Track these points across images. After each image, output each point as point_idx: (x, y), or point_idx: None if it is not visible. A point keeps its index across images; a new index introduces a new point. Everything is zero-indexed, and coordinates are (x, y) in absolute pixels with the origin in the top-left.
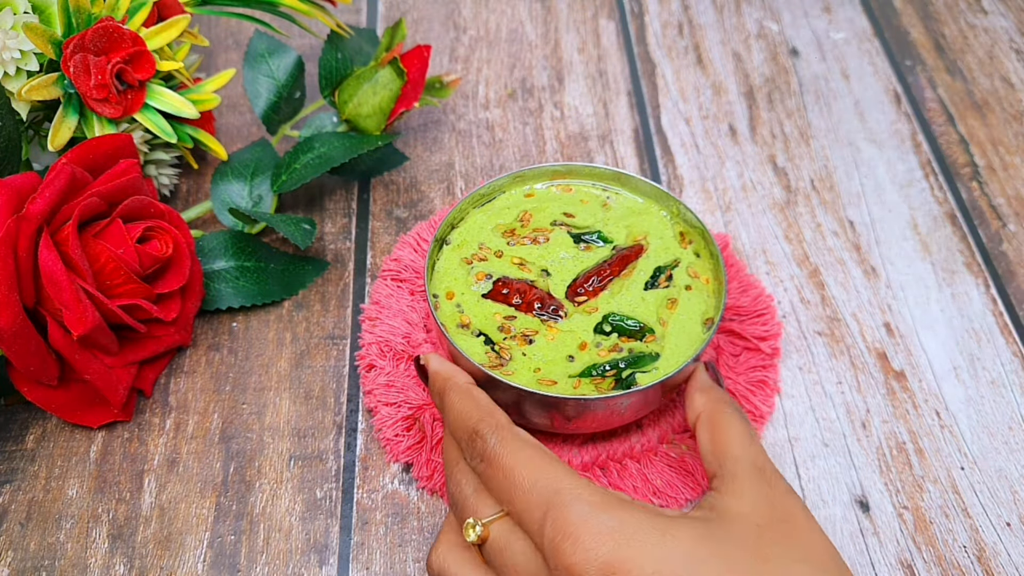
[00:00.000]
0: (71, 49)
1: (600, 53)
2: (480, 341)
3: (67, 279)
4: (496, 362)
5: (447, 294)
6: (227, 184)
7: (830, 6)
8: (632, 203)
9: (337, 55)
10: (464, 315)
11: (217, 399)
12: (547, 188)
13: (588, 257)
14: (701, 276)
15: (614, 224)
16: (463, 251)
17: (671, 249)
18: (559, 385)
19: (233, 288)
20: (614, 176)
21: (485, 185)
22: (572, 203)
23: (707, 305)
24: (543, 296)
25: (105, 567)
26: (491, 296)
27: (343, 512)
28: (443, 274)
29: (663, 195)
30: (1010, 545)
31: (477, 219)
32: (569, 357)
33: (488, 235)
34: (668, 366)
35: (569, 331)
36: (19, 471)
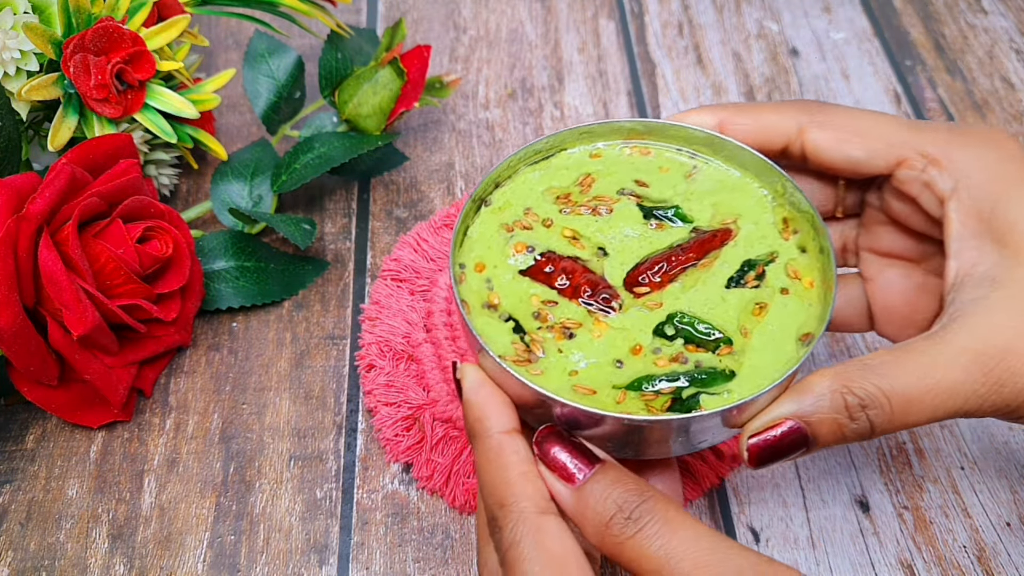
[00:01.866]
0: (71, 49)
1: (600, 53)
2: (508, 327)
3: (67, 279)
4: (523, 356)
5: (477, 265)
6: (227, 184)
7: (830, 6)
8: (725, 175)
9: (337, 55)
10: (493, 293)
11: (217, 399)
12: (619, 149)
13: (659, 238)
14: (804, 278)
15: (698, 200)
16: (505, 215)
17: (768, 238)
18: (598, 396)
19: (233, 288)
20: (707, 140)
21: (543, 139)
22: (648, 169)
23: (807, 315)
24: (595, 280)
25: (105, 567)
26: (530, 273)
27: (343, 512)
28: (477, 241)
29: (766, 168)
30: (1010, 545)
31: (527, 178)
32: (617, 362)
33: (538, 199)
34: (745, 389)
35: (621, 328)
36: (19, 471)
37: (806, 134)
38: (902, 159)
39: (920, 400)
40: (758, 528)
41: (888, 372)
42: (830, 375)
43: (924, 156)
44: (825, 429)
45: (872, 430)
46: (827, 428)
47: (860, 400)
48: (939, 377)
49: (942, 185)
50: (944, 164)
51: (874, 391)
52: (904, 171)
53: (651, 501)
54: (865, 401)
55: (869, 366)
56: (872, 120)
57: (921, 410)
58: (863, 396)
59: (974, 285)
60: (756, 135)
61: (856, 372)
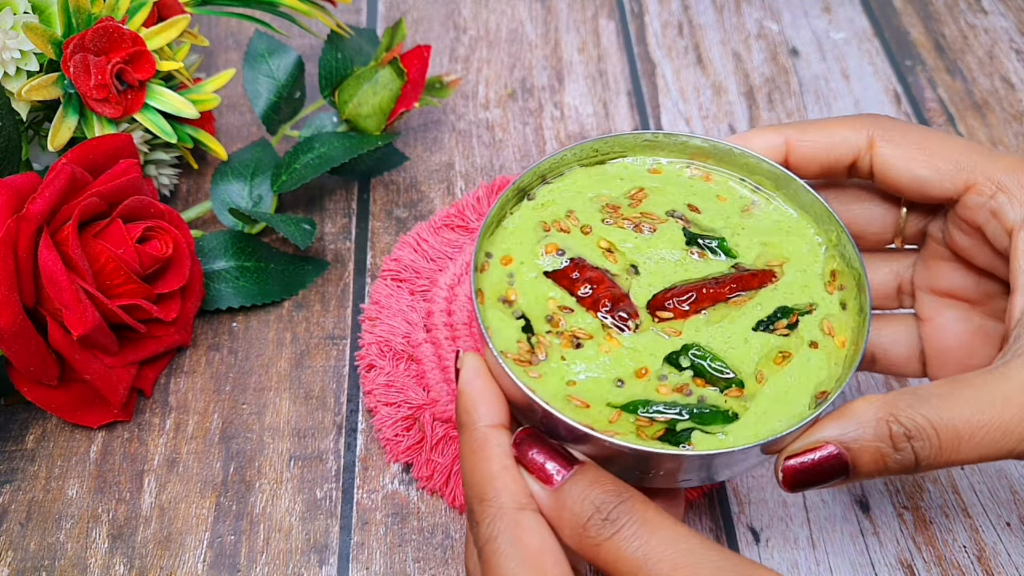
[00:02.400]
0: (71, 49)
1: (600, 53)
2: (517, 325)
3: (67, 279)
4: (525, 356)
5: (504, 258)
6: (227, 184)
7: (830, 6)
8: (781, 216)
9: (337, 55)
10: (512, 289)
11: (217, 399)
12: (680, 167)
13: (696, 267)
14: (837, 335)
15: (748, 236)
16: (546, 212)
17: (811, 288)
18: (591, 411)
19: (233, 288)
20: (773, 174)
21: (602, 138)
22: (706, 195)
23: (829, 375)
24: (618, 296)
25: (105, 567)
26: (555, 276)
27: (343, 512)
28: (511, 233)
29: (825, 214)
30: (1010, 545)
31: (579, 179)
32: (618, 381)
33: (585, 203)
34: (742, 436)
35: (632, 349)
36: (19, 471)
37: (875, 148)
38: (971, 184)
39: (971, 436)
40: (758, 528)
41: (940, 404)
42: (877, 402)
43: (994, 183)
44: (867, 457)
45: (916, 463)
46: (869, 456)
47: (906, 430)
48: (994, 414)
49: (1011, 215)
50: (1014, 193)
51: (922, 422)
52: (972, 196)
53: (629, 502)
54: (912, 432)
55: (920, 396)
56: (944, 141)
57: (972, 447)
58: (910, 426)
59: None
60: (826, 150)
61: (905, 401)
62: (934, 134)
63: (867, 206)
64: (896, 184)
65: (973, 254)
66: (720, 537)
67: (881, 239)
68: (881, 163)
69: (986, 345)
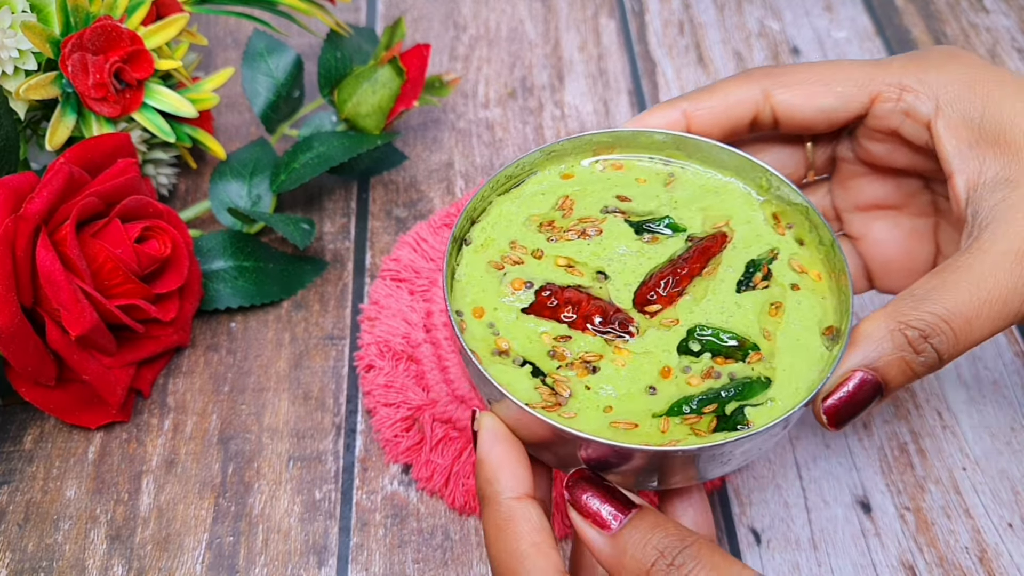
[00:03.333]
0: (69, 48)
1: (601, 52)
2: (526, 372)
3: (65, 279)
4: (551, 401)
5: (475, 311)
6: (226, 184)
7: (831, 5)
8: (705, 179)
9: (336, 54)
10: (500, 338)
11: (215, 400)
12: (590, 165)
13: (656, 252)
14: (810, 270)
15: (685, 207)
16: (490, 252)
17: (764, 236)
18: (641, 429)
19: (232, 288)
20: (676, 143)
21: (510, 165)
22: (626, 183)
23: (823, 308)
24: (603, 307)
25: (103, 568)
26: (534, 311)
27: (342, 513)
28: (467, 284)
29: (747, 164)
30: (1012, 546)
31: (504, 209)
32: (649, 388)
33: (520, 230)
34: (786, 395)
35: (645, 353)
36: (17, 472)
37: (773, 98)
38: (875, 95)
39: (978, 315)
40: (759, 529)
41: (939, 297)
42: (882, 316)
43: (897, 86)
44: (894, 370)
45: (940, 358)
46: (896, 369)
47: (921, 332)
48: (990, 287)
49: (923, 109)
50: (919, 89)
51: (932, 319)
52: (880, 106)
53: (694, 547)
54: (926, 331)
55: (918, 296)
56: (834, 67)
57: (982, 324)
58: (923, 327)
59: (990, 191)
60: (724, 113)
61: (908, 306)
62: (819, 65)
63: (773, 153)
64: (803, 122)
65: (891, 159)
66: (721, 538)
67: (795, 178)
68: (783, 109)
69: (922, 243)
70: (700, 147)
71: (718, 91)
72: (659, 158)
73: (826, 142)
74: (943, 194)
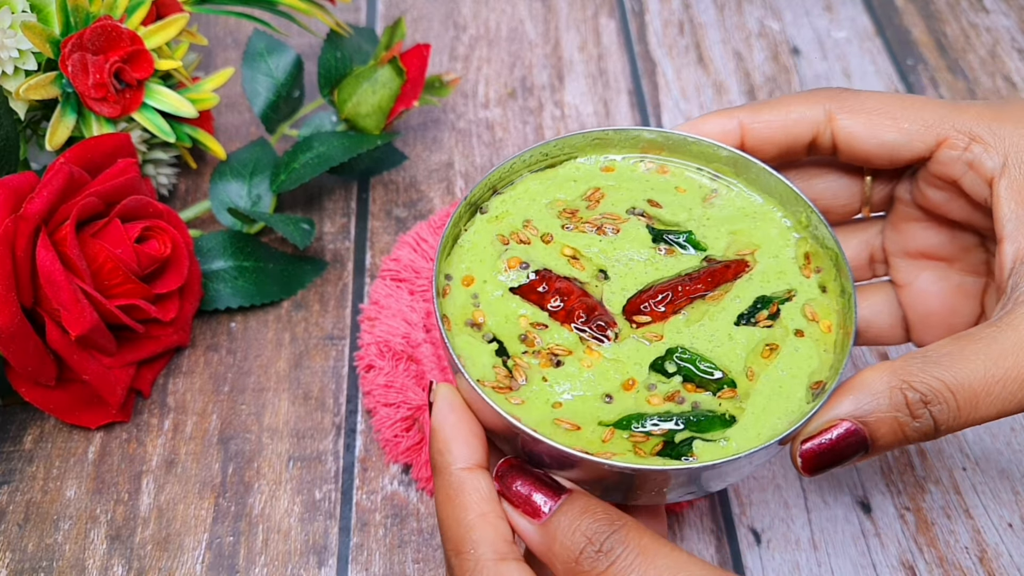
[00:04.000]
0: (69, 48)
1: (601, 52)
2: (490, 349)
3: (65, 279)
4: (504, 383)
5: (464, 279)
6: (226, 184)
7: (831, 5)
8: (746, 202)
9: (336, 54)
10: (479, 310)
11: (215, 400)
12: (633, 163)
13: (667, 264)
14: (821, 320)
15: (715, 227)
16: (502, 226)
17: (787, 275)
18: (582, 432)
19: (231, 288)
20: (731, 159)
21: (551, 142)
22: (664, 188)
23: (820, 361)
24: (592, 305)
25: (103, 568)
26: (522, 292)
27: (342, 513)
28: (468, 251)
29: (792, 196)
30: (1012, 546)
31: (530, 187)
32: (606, 396)
33: (541, 211)
34: (744, 439)
35: (615, 360)
36: (17, 472)
37: (836, 122)
38: (942, 139)
39: (988, 392)
40: (759, 529)
41: (951, 364)
42: (887, 370)
43: (966, 134)
44: (884, 429)
45: (936, 428)
46: (887, 428)
47: (922, 396)
48: (1008, 366)
49: (989, 164)
50: (989, 141)
51: (937, 385)
52: (945, 151)
53: (623, 530)
54: (927, 397)
55: (930, 358)
56: (905, 102)
57: (990, 404)
58: (925, 391)
59: None
60: (783, 129)
61: (916, 365)
62: (891, 97)
63: (829, 181)
64: (863, 154)
65: (948, 209)
66: (721, 538)
67: (848, 211)
68: (845, 135)
69: (968, 301)
70: (750, 167)
71: (780, 106)
72: (708, 170)
73: (886, 179)
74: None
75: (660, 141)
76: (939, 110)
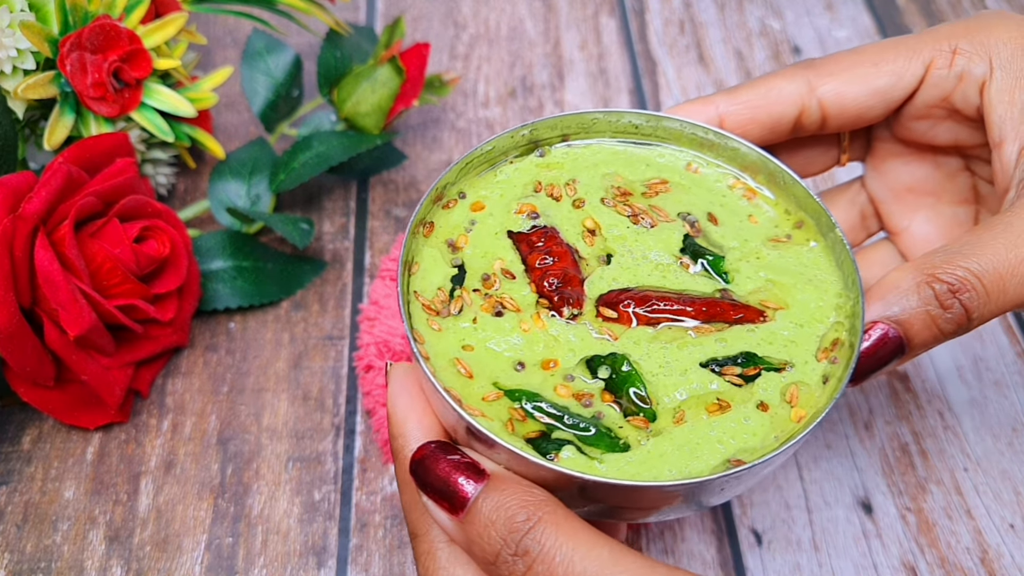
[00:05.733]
0: (68, 47)
1: (601, 51)
2: (448, 272)
3: (63, 279)
4: (437, 307)
5: (475, 203)
6: (225, 183)
7: (832, 4)
8: (812, 262)
9: (336, 53)
10: (466, 236)
11: (214, 400)
12: (724, 174)
13: (677, 277)
14: (798, 407)
15: (757, 267)
16: (548, 174)
17: (797, 347)
18: (472, 382)
19: (230, 288)
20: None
21: (644, 113)
22: (735, 210)
23: (761, 446)
24: (571, 278)
25: (102, 569)
26: (518, 237)
27: (342, 514)
28: (498, 183)
29: (853, 279)
30: (1014, 547)
31: (602, 151)
32: (519, 364)
33: (594, 177)
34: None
35: (553, 338)
36: (15, 473)
37: (820, 88)
38: (928, 62)
39: (1013, 274)
40: (760, 530)
41: (973, 252)
42: (911, 267)
43: (948, 50)
44: (918, 325)
45: (968, 317)
46: (920, 324)
47: (949, 286)
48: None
49: (976, 71)
50: (971, 50)
51: (963, 273)
52: (934, 72)
53: (539, 526)
54: (955, 286)
55: (951, 251)
56: (877, 48)
57: (1017, 285)
58: (952, 281)
59: None
60: (765, 108)
61: (939, 259)
62: (860, 49)
63: (804, 152)
64: (856, 111)
65: (933, 135)
66: (722, 539)
67: (826, 168)
68: (833, 97)
69: (964, 231)
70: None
71: (758, 85)
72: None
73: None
74: (984, 177)
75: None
76: (913, 41)
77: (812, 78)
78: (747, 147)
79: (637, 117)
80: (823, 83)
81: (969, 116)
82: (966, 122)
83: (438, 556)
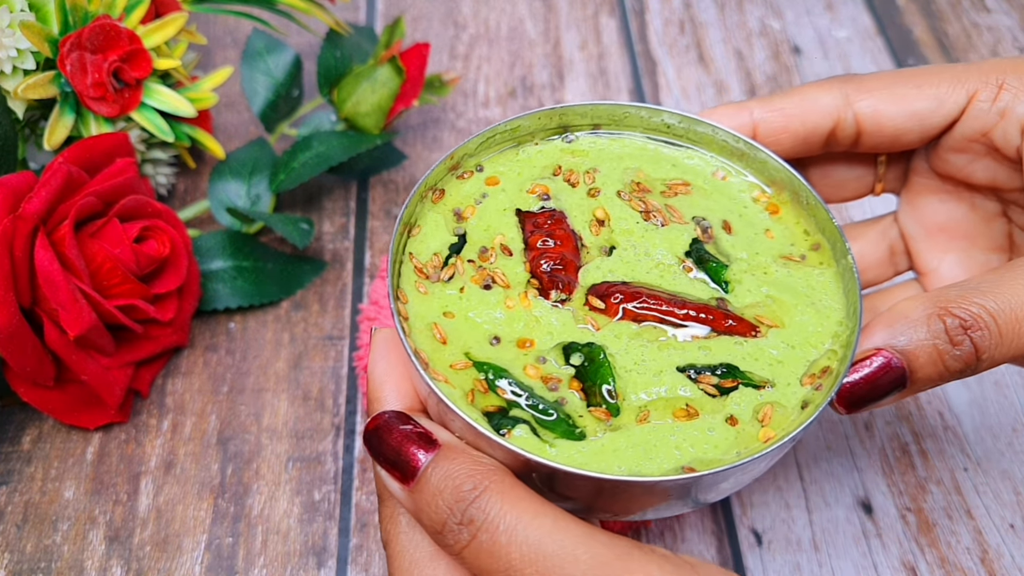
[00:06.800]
0: (68, 47)
1: (601, 51)
2: (448, 240)
3: (64, 279)
4: (428, 272)
5: (490, 178)
6: (225, 183)
7: (832, 4)
8: (821, 286)
9: (336, 53)
10: (473, 208)
11: (214, 400)
12: (748, 185)
13: (676, 279)
14: (767, 427)
15: (760, 282)
16: (570, 161)
17: (783, 367)
18: (444, 348)
19: (230, 288)
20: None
21: (679, 113)
22: (753, 222)
23: (719, 458)
24: (568, 262)
25: (102, 569)
26: (525, 215)
27: (342, 514)
28: (518, 161)
29: (855, 310)
30: (1014, 547)
31: (631, 147)
32: (494, 338)
33: (616, 170)
34: (569, 459)
35: (534, 319)
36: (15, 473)
37: (858, 103)
38: (972, 92)
39: None
40: (760, 530)
41: (991, 290)
42: (924, 298)
43: (995, 84)
44: (923, 359)
45: (978, 357)
46: (926, 357)
47: (962, 321)
48: None
49: (1020, 108)
50: (1017, 87)
51: (977, 310)
52: (976, 104)
53: (484, 495)
54: (968, 322)
55: (968, 286)
56: (921, 72)
57: None
58: (965, 316)
59: None
60: (800, 117)
61: (955, 293)
62: (905, 71)
63: (839, 171)
64: (892, 130)
65: (970, 171)
66: (722, 539)
67: (861, 193)
68: (870, 113)
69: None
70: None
71: (795, 94)
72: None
73: (900, 157)
74: (1021, 225)
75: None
76: (960, 70)
77: (851, 92)
78: (776, 161)
79: (671, 116)
80: (861, 98)
81: (1008, 156)
82: (1005, 162)
83: (399, 520)
